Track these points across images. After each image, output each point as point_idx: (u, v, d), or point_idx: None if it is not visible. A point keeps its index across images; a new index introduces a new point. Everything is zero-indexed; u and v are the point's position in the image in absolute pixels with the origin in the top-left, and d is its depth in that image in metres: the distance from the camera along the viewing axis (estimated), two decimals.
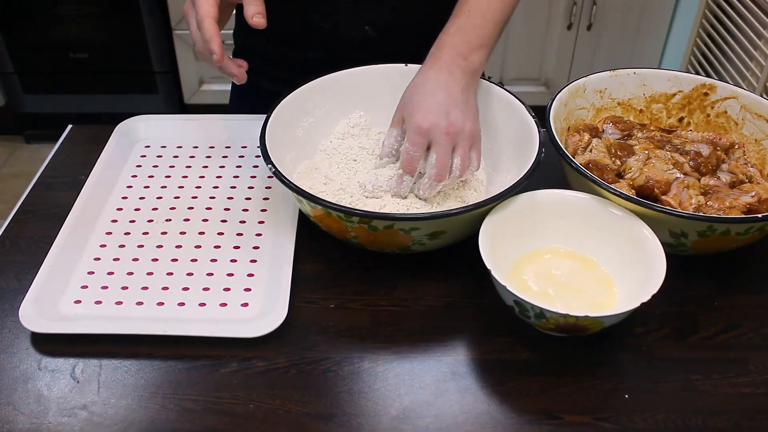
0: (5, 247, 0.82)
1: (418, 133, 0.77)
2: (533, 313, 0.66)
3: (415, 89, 0.80)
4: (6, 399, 0.66)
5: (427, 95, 0.79)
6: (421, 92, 0.79)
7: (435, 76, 0.80)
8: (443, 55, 0.81)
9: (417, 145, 0.78)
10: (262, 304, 0.74)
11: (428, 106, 0.78)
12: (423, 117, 0.77)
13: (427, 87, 0.79)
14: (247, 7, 0.79)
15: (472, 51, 0.82)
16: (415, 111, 0.78)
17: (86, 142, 1.00)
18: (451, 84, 0.79)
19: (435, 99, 0.78)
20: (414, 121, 0.77)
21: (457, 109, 0.78)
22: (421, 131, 0.77)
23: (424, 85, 0.80)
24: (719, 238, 0.74)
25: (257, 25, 0.79)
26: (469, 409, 0.66)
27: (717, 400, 0.67)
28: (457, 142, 0.78)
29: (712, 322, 0.75)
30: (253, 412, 0.65)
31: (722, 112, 0.91)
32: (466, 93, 0.80)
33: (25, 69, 2.51)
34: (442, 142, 0.77)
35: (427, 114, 0.77)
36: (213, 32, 0.77)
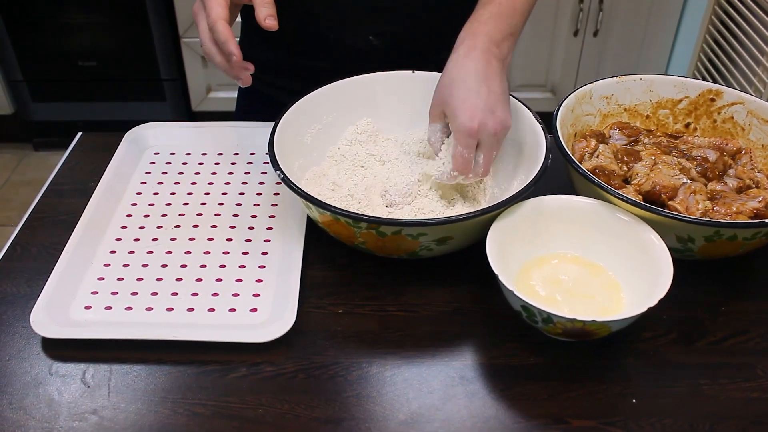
0: (16, 253, 0.83)
1: (469, 136, 0.76)
2: (541, 318, 0.66)
3: (456, 84, 0.78)
4: (18, 404, 0.67)
5: (470, 92, 0.77)
6: (463, 88, 0.77)
7: (474, 68, 0.78)
8: (478, 43, 0.79)
9: (469, 147, 0.77)
10: (271, 310, 0.74)
11: (474, 105, 0.76)
12: (470, 117, 0.75)
13: (469, 82, 0.77)
14: (259, 9, 0.79)
15: (504, 39, 0.81)
16: (460, 110, 0.76)
17: (95, 150, 1.00)
18: (490, 75, 0.78)
19: (479, 96, 0.76)
20: (461, 123, 0.76)
21: (500, 104, 0.77)
22: (472, 133, 0.76)
23: (465, 80, 0.77)
24: (726, 243, 0.74)
25: (270, 27, 0.78)
26: (477, 414, 0.66)
27: (725, 406, 0.67)
28: (500, 139, 0.78)
29: (719, 327, 0.75)
30: (262, 416, 0.66)
31: (729, 117, 0.92)
32: (503, 82, 0.79)
33: (34, 77, 2.52)
34: (489, 144, 0.77)
35: (474, 114, 0.76)
36: (228, 34, 0.77)
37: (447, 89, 0.79)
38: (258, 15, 0.79)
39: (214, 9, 0.77)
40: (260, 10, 0.79)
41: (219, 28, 0.77)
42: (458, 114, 0.76)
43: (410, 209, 0.82)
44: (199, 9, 0.80)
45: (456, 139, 0.77)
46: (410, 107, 0.93)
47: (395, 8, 0.97)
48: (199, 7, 0.80)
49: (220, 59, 0.79)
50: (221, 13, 0.77)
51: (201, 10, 0.80)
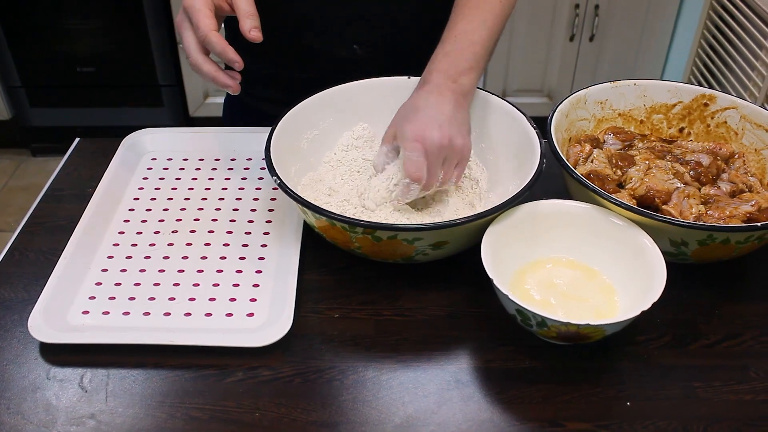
0: (14, 258, 0.84)
1: (415, 140, 0.77)
2: (535, 321, 0.67)
3: (406, 109, 0.81)
4: (15, 408, 0.67)
5: (418, 112, 0.79)
6: (412, 110, 0.80)
7: (425, 97, 0.80)
8: (432, 79, 0.82)
9: (416, 150, 0.78)
10: (268, 314, 0.75)
11: (420, 120, 0.78)
12: (416, 127, 0.78)
13: (418, 106, 0.80)
14: (244, 21, 0.79)
15: (461, 74, 0.83)
16: (408, 124, 0.79)
17: (93, 155, 1.01)
18: (441, 102, 0.80)
19: (426, 114, 0.79)
20: (408, 131, 0.78)
21: (448, 123, 0.79)
22: (417, 138, 0.77)
23: (415, 106, 0.80)
24: (719, 246, 0.74)
25: (255, 39, 0.79)
26: (473, 417, 0.66)
27: (718, 408, 0.68)
28: (447, 156, 0.79)
29: (712, 330, 0.75)
30: (259, 420, 0.66)
31: (722, 122, 0.92)
32: (457, 111, 0.81)
33: (32, 82, 2.53)
34: (435, 152, 0.78)
35: (421, 126, 0.78)
36: (224, 43, 0.78)
37: (399, 115, 0.82)
38: (242, 27, 0.79)
39: (202, 21, 0.78)
40: (245, 22, 0.79)
41: (213, 39, 0.77)
42: (406, 126, 0.79)
43: (405, 215, 0.83)
44: (183, 20, 0.80)
45: (404, 145, 0.79)
46: None
47: (379, 16, 0.98)
48: (183, 19, 0.80)
49: (208, 68, 0.79)
50: (210, 24, 0.78)
51: (185, 21, 0.80)
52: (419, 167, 0.78)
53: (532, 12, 2.34)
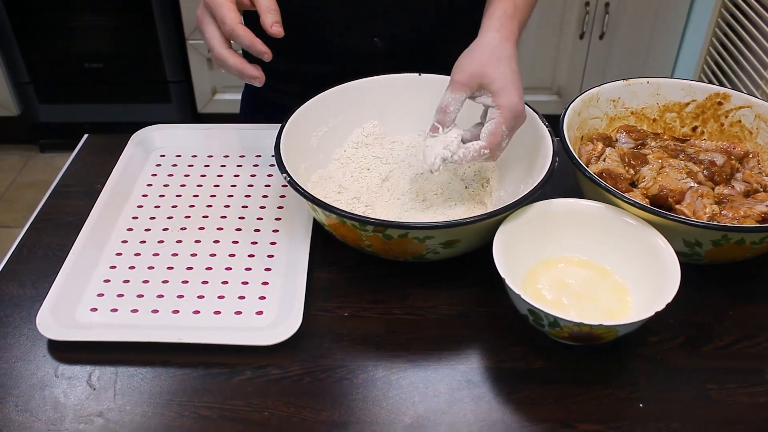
0: (22, 255, 0.83)
1: (517, 117, 0.76)
2: (547, 321, 0.66)
3: (502, 62, 0.77)
4: (24, 406, 0.67)
5: (515, 75, 0.77)
6: (508, 68, 0.77)
7: (513, 54, 0.78)
8: (513, 31, 0.80)
9: (512, 128, 0.76)
10: (277, 312, 0.74)
11: (519, 88, 0.76)
12: (520, 99, 0.76)
13: (512, 65, 0.77)
14: (265, 16, 0.79)
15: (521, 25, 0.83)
16: (512, 88, 0.76)
17: (102, 151, 1.01)
18: (514, 52, 0.78)
19: (518, 78, 0.77)
20: (513, 102, 0.75)
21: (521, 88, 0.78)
22: (519, 115, 0.76)
23: (509, 61, 0.77)
24: (734, 247, 0.73)
25: (276, 34, 0.79)
26: (483, 418, 0.66)
27: (732, 411, 0.67)
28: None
29: (726, 332, 0.75)
30: (267, 419, 0.66)
31: (736, 121, 0.91)
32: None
33: (41, 79, 2.53)
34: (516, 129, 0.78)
35: (521, 98, 0.76)
36: (252, 36, 0.78)
37: (490, 63, 0.77)
38: (264, 22, 0.79)
39: (228, 15, 0.77)
40: (266, 17, 0.79)
41: (241, 32, 0.77)
42: (510, 92, 0.75)
43: (416, 213, 0.82)
44: (204, 15, 0.80)
45: (503, 116, 0.75)
46: (416, 110, 0.93)
47: (399, 10, 0.97)
48: (205, 13, 0.80)
49: (234, 61, 0.79)
50: (236, 18, 0.78)
51: (207, 16, 0.80)
52: (502, 145, 0.77)
53: (542, 10, 2.33)
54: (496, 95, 0.76)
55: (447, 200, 0.85)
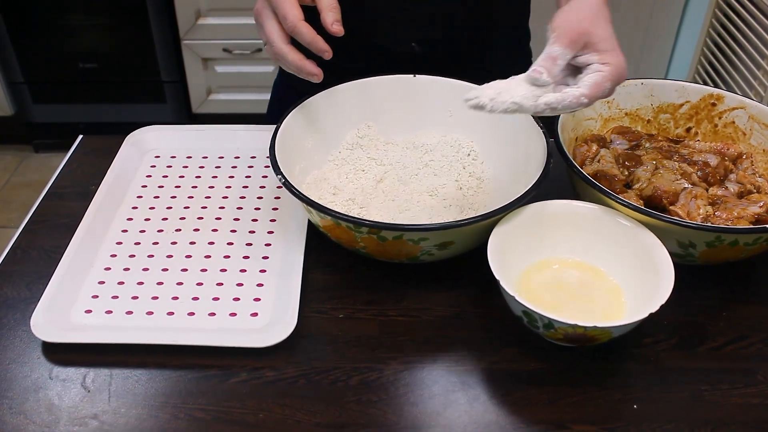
0: (17, 256, 0.83)
1: (620, 79, 0.73)
2: (542, 323, 0.66)
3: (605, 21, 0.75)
4: (18, 408, 0.66)
5: (611, 33, 0.74)
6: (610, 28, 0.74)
7: (608, 11, 0.76)
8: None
9: (613, 88, 0.73)
10: (272, 314, 0.74)
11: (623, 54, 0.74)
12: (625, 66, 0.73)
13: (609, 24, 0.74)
14: (326, 14, 0.79)
15: None
16: (618, 51, 0.73)
17: (96, 153, 1.00)
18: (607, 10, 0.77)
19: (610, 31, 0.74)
20: (621, 63, 0.73)
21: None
22: (622, 78, 0.73)
23: (609, 21, 0.75)
24: (727, 248, 0.74)
25: (336, 32, 0.79)
26: (478, 419, 0.66)
27: (726, 411, 0.67)
28: None
29: (720, 333, 0.75)
30: (262, 421, 0.66)
31: (730, 122, 0.92)
32: None
33: (35, 79, 2.52)
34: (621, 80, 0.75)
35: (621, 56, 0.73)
36: (313, 33, 0.78)
37: (597, 23, 0.74)
38: (325, 20, 0.79)
39: (290, 11, 0.77)
40: (327, 15, 0.79)
41: (303, 30, 0.77)
42: (618, 53, 0.73)
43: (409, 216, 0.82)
44: (264, 8, 0.80)
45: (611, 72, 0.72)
46: (411, 111, 0.93)
47: (438, 19, 0.97)
48: (265, 7, 0.80)
49: (294, 57, 0.79)
50: (298, 14, 0.77)
51: (267, 9, 0.79)
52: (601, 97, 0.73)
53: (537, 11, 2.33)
54: (605, 54, 0.73)
55: (441, 201, 0.85)
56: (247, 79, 2.50)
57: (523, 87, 0.72)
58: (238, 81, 2.50)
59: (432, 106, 0.93)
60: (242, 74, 2.49)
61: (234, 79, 2.50)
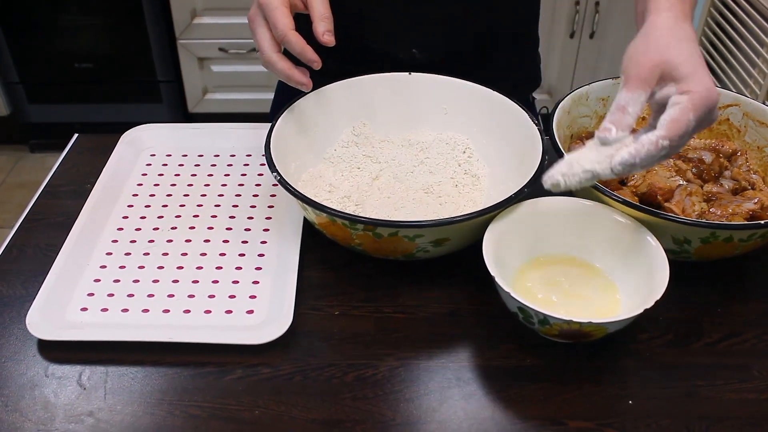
0: (12, 255, 0.83)
1: (710, 107, 0.64)
2: (537, 319, 0.66)
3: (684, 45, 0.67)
4: (13, 406, 0.66)
5: (700, 56, 0.66)
6: (692, 47, 0.66)
7: (690, 29, 0.68)
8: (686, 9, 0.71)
9: (701, 120, 0.65)
10: (267, 311, 0.74)
11: (709, 73, 0.66)
12: (714, 86, 0.65)
13: (695, 44, 0.67)
14: (318, 24, 0.79)
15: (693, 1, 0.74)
16: (702, 73, 0.65)
17: (92, 151, 1.00)
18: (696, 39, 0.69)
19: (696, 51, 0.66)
20: (706, 88, 0.64)
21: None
22: (712, 106, 0.64)
23: (690, 40, 0.67)
24: (722, 244, 0.74)
25: (327, 43, 0.79)
26: (474, 415, 0.66)
27: (721, 407, 0.67)
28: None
29: (715, 329, 0.75)
30: (258, 418, 0.66)
31: (725, 119, 0.92)
32: None
33: (30, 79, 2.52)
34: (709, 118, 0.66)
35: (714, 85, 0.65)
36: (303, 43, 0.77)
37: (672, 46, 0.67)
38: (316, 29, 0.79)
39: (280, 20, 0.77)
40: (319, 25, 0.79)
41: (292, 39, 0.77)
42: (701, 76, 0.64)
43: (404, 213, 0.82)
44: (256, 16, 0.79)
45: (692, 101, 0.64)
46: (407, 109, 0.93)
47: (439, 26, 0.97)
48: (257, 14, 0.79)
49: (282, 66, 0.79)
50: (289, 24, 0.77)
51: (259, 17, 0.79)
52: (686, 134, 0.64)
53: None
54: (685, 81, 0.65)
55: (437, 199, 0.85)
56: (242, 78, 2.50)
57: (594, 151, 0.67)
58: (234, 80, 2.50)
59: (428, 103, 0.93)
60: (238, 74, 2.49)
61: (230, 78, 2.50)
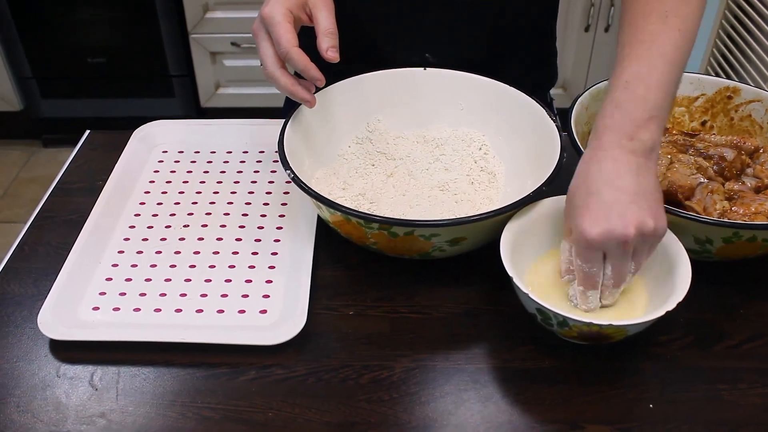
0: (24, 253, 0.82)
1: (588, 248, 0.65)
2: (556, 321, 0.65)
3: (577, 189, 0.67)
4: (25, 406, 0.66)
5: (590, 196, 0.65)
6: (583, 193, 0.66)
7: (597, 169, 0.66)
8: (603, 143, 0.67)
9: (589, 261, 0.66)
10: (281, 311, 0.73)
11: (594, 211, 0.64)
12: (590, 225, 0.64)
13: (590, 185, 0.66)
14: (322, 39, 0.77)
15: (639, 128, 0.67)
16: (580, 218, 0.65)
17: (104, 148, 1.00)
18: (619, 173, 0.65)
19: (600, 199, 0.64)
20: (580, 233, 0.65)
21: (631, 205, 0.64)
22: (591, 245, 0.64)
23: (585, 183, 0.67)
24: (745, 244, 0.72)
25: (331, 59, 0.78)
26: (491, 419, 0.65)
27: (744, 411, 0.66)
28: (637, 247, 0.65)
29: (737, 331, 0.73)
30: (272, 420, 0.65)
31: (746, 115, 0.90)
32: (642, 178, 0.65)
33: (43, 74, 2.52)
34: (617, 254, 0.65)
35: (595, 221, 0.64)
36: (306, 61, 0.76)
37: (569, 197, 0.69)
38: (320, 45, 0.78)
39: (283, 36, 0.75)
40: (323, 41, 0.78)
41: (295, 56, 0.76)
42: (578, 223, 0.65)
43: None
44: (260, 30, 0.78)
45: (575, 253, 0.67)
46: (421, 105, 0.92)
47: (452, 30, 0.95)
48: (260, 28, 0.78)
49: (286, 82, 0.78)
50: (292, 40, 0.76)
51: (263, 31, 0.78)
52: (592, 278, 0.67)
53: None
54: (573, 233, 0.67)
55: (452, 196, 0.84)
56: (255, 73, 2.48)
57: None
58: (247, 75, 2.49)
59: (443, 99, 0.92)
60: (250, 68, 2.48)
61: (242, 73, 2.49)
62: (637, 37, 0.72)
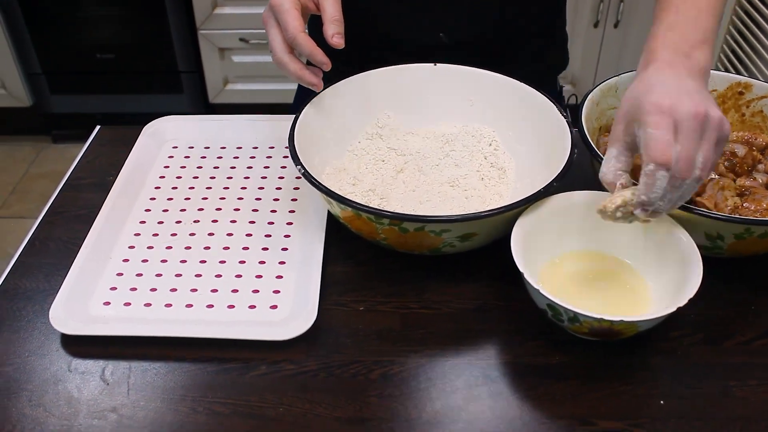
0: (35, 248, 0.83)
1: (661, 113, 0.62)
2: (567, 316, 0.65)
3: (637, 92, 0.66)
4: (37, 400, 0.66)
5: (654, 87, 0.64)
6: (646, 89, 0.65)
7: (657, 74, 0.66)
8: (660, 56, 0.68)
9: (663, 127, 0.62)
10: (292, 307, 0.74)
11: (663, 90, 0.63)
12: (661, 96, 0.63)
13: (652, 82, 0.65)
14: (328, 26, 0.79)
15: (694, 48, 0.67)
16: (648, 96, 0.63)
17: (114, 143, 1.00)
18: (680, 77, 0.65)
19: (665, 86, 0.64)
20: (651, 102, 0.63)
21: (698, 93, 0.63)
22: (663, 109, 0.62)
23: (648, 84, 0.66)
24: (757, 240, 0.72)
25: (336, 45, 0.79)
26: (501, 415, 0.65)
27: (755, 408, 0.65)
28: (704, 131, 0.63)
29: (748, 327, 0.73)
30: (282, 415, 0.65)
31: (758, 111, 0.90)
32: (702, 87, 0.66)
33: (53, 69, 2.52)
34: (690, 125, 0.62)
35: (665, 94, 0.63)
36: (312, 45, 0.77)
37: (632, 101, 0.66)
38: (326, 32, 0.79)
39: (290, 23, 0.77)
40: (329, 27, 0.79)
41: (301, 41, 0.77)
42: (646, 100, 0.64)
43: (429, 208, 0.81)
44: (269, 17, 0.80)
45: (646, 122, 0.63)
46: (432, 100, 0.92)
47: (466, 9, 0.95)
48: (270, 16, 0.80)
49: (294, 67, 0.79)
50: (299, 26, 0.77)
51: (272, 19, 0.79)
52: (668, 148, 0.62)
53: None
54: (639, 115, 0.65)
55: (463, 192, 0.84)
56: (263, 68, 2.49)
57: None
58: (255, 71, 2.49)
59: (453, 95, 0.92)
60: (259, 64, 2.48)
61: (251, 68, 2.49)
62: None
